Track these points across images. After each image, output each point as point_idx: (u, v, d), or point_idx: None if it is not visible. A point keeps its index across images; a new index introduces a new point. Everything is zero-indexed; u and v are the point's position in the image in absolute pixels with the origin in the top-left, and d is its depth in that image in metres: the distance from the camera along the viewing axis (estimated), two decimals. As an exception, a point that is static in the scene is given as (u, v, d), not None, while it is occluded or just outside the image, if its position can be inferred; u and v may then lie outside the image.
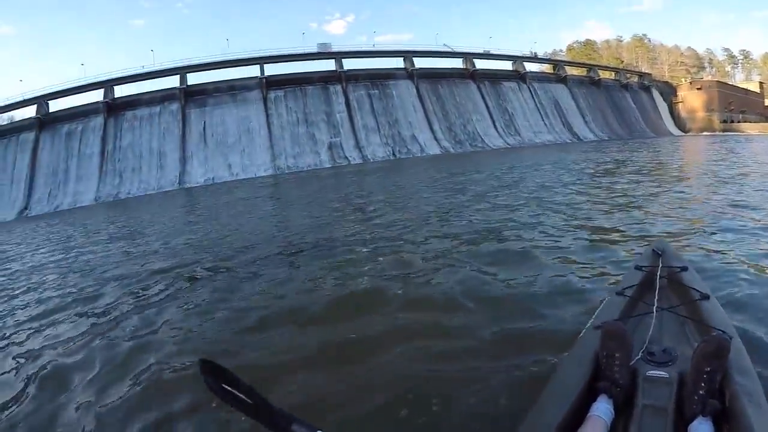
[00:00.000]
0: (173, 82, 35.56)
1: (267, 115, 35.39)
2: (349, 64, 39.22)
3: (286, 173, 33.46)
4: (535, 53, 58.43)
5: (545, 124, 51.06)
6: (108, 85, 35.61)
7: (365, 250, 4.85)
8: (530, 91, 52.43)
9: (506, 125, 48.32)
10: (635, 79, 62.91)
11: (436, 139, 41.52)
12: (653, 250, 2.27)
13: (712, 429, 1.08)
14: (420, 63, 43.12)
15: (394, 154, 38.37)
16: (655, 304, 1.65)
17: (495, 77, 49.99)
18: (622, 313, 1.67)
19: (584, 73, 60.80)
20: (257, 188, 21.17)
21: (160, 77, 35.78)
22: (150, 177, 33.32)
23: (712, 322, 1.50)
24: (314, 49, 39.05)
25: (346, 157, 36.01)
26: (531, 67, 55.23)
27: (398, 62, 42.07)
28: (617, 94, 59.09)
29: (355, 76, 39.00)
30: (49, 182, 34.54)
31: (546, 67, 58.65)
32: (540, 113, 51.40)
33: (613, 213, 5.73)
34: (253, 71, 36.46)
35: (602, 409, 1.20)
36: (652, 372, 1.27)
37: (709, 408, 1.10)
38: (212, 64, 36.27)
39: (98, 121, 35.00)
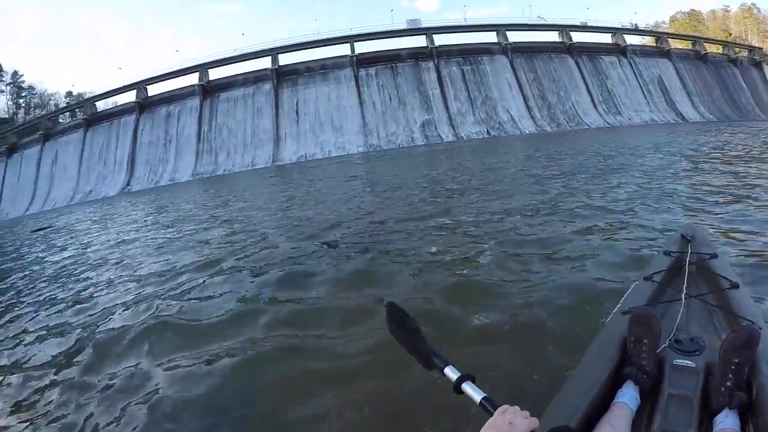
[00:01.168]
0: (265, 63, 35.19)
1: (359, 93, 34.01)
2: (439, 40, 36.69)
3: (378, 151, 31.88)
4: (636, 25, 52.44)
5: (647, 102, 45.62)
6: (203, 68, 36.08)
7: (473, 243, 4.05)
8: (631, 66, 47.12)
9: (606, 103, 43.67)
10: (744, 53, 54.67)
11: (531, 116, 38.05)
12: (682, 235, 2.17)
13: (738, 422, 1.05)
14: (513, 37, 39.70)
15: (488, 132, 35.52)
16: (684, 291, 1.60)
17: (593, 51, 45.30)
18: (650, 299, 1.64)
19: (689, 47, 53.74)
20: (348, 166, 20.27)
21: (253, 59, 35.73)
22: (244, 155, 33.27)
23: (742, 312, 1.45)
24: (404, 26, 36.97)
25: (438, 135, 33.74)
26: (631, 40, 49.65)
27: (491, 37, 38.96)
28: (725, 71, 51.75)
29: (447, 52, 36.54)
30: (149, 161, 35.71)
31: (647, 41, 52.64)
32: (642, 90, 46.04)
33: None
34: (343, 50, 35.21)
35: (628, 395, 1.18)
36: (679, 360, 1.25)
37: (736, 400, 1.07)
38: (303, 44, 35.54)
39: (194, 102, 35.55)
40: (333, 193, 9.43)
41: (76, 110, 42.17)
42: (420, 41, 36.59)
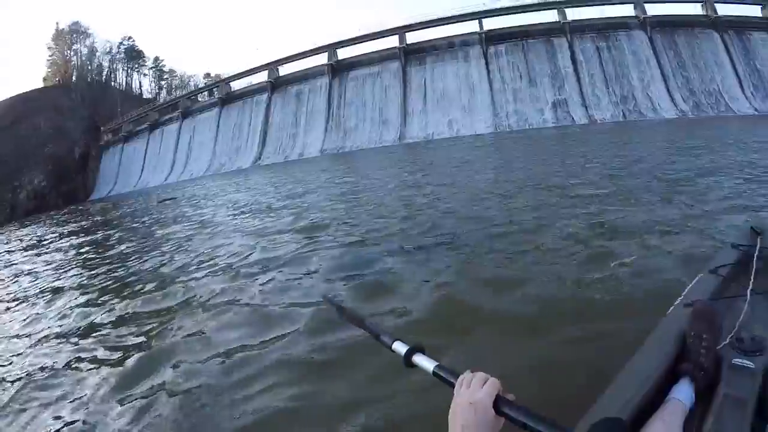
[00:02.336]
0: (393, 42, 35.80)
1: (488, 71, 33.47)
2: (572, 14, 34.74)
3: (507, 131, 31.21)
4: (792, -5, 45.43)
5: (805, 87, 39.60)
6: (332, 48, 37.60)
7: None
8: (788, 43, 41.11)
9: (756, 87, 38.70)
10: None
11: (672, 100, 34.90)
12: (752, 228, 2.06)
13: None
14: (652, 10, 36.36)
15: (624, 116, 33.21)
16: (750, 287, 1.53)
17: (742, 26, 40.16)
18: (713, 293, 1.58)
19: None
20: (476, 147, 19.33)
21: (380, 38, 36.45)
22: (372, 132, 34.29)
23: None
24: (534, 0, 35.49)
25: (571, 117, 32.20)
26: (786, 13, 43.17)
27: (628, 9, 36.07)
28: None
29: (581, 28, 34.50)
30: (280, 136, 38.23)
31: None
32: (798, 72, 39.97)
33: None
34: (472, 26, 34.74)
35: (683, 392, 1.14)
36: (738, 360, 1.20)
37: None
38: (431, 22, 35.59)
39: (324, 81, 37.25)
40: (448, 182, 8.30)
41: (213, 90, 46.35)
42: (551, 16, 34.95)
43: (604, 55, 34.28)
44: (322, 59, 37.94)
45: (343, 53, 37.49)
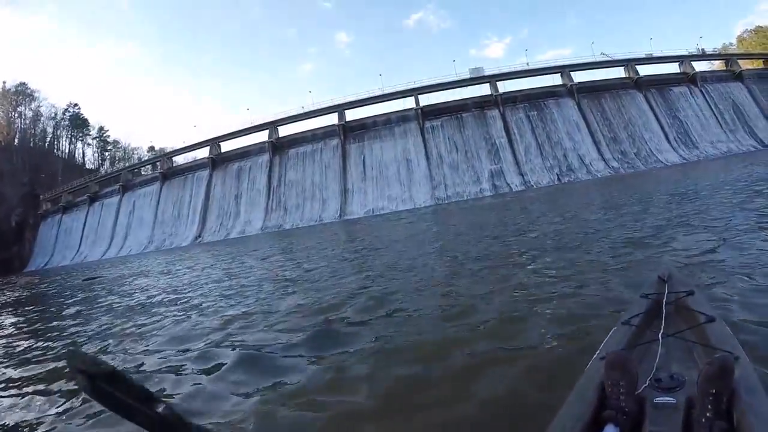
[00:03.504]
0: (332, 119, 36.04)
1: (425, 146, 34.03)
2: (504, 87, 36.22)
3: (446, 203, 31.50)
4: (703, 50, 49.52)
5: (724, 131, 42.85)
6: (273, 125, 37.49)
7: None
8: (703, 94, 44.63)
9: (680, 137, 41.44)
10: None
11: (603, 159, 36.54)
12: (659, 276, 2.24)
13: None
14: (579, 77, 38.58)
15: (558, 179, 34.39)
16: (662, 331, 1.64)
17: (662, 83, 43.31)
18: (628, 343, 1.65)
19: (761, 65, 50.31)
20: (416, 220, 19.53)
21: (320, 115, 36.75)
22: (312, 209, 33.93)
23: (718, 344, 1.49)
24: (467, 75, 36.81)
25: (508, 185, 32.97)
26: (700, 66, 46.96)
27: (556, 79, 38.02)
28: (807, 89, 47.59)
29: (512, 99, 35.95)
30: (221, 213, 37.28)
31: (717, 65, 49.61)
32: (717, 119, 43.41)
33: None
34: (408, 103, 35.60)
35: None
36: (659, 398, 1.27)
37: (717, 429, 1.08)
38: (368, 99, 36.19)
39: (264, 158, 36.88)
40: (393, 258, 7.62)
41: (157, 164, 45.03)
42: (484, 89, 36.31)
43: (536, 122, 35.66)
44: (263, 136, 37.70)
45: (283, 131, 37.41)
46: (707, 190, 10.11)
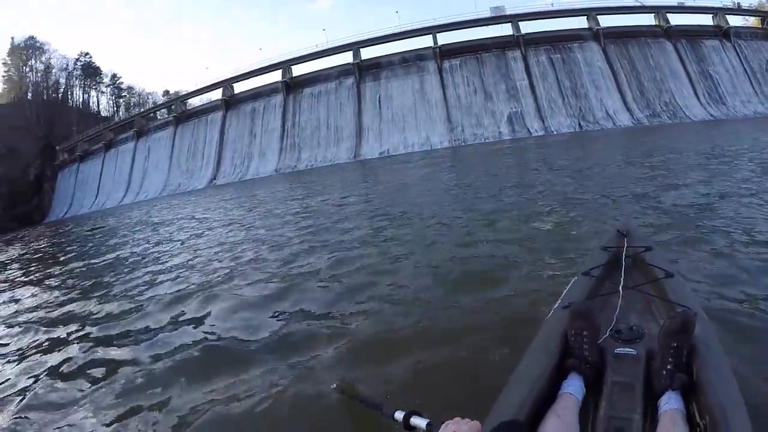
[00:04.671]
0: (347, 58, 35.15)
1: (443, 86, 33.03)
2: (526, 28, 34.79)
3: (463, 146, 30.74)
4: (739, 4, 46.82)
5: (756, 92, 40.67)
6: (286, 65, 36.74)
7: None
8: (736, 50, 42.33)
9: (709, 93, 39.54)
10: None
11: (628, 109, 35.11)
12: (618, 230, 2.26)
13: (681, 401, 1.10)
14: (606, 21, 36.76)
15: (579, 126, 33.22)
16: (621, 283, 1.66)
17: (693, 34, 41.10)
18: (589, 293, 1.68)
19: (801, 26, 47.39)
20: (432, 162, 18.98)
21: (335, 54, 35.82)
22: (326, 150, 33.48)
23: (678, 300, 1.50)
24: (488, 14, 35.36)
25: (527, 129, 31.99)
26: (734, 21, 44.46)
27: (582, 22, 36.29)
28: None
29: (535, 40, 34.47)
30: (235, 156, 37.04)
31: (752, 21, 47.01)
32: (749, 78, 41.12)
33: None
34: (426, 41, 34.36)
35: (573, 386, 1.21)
36: (620, 349, 1.30)
37: (678, 381, 1.12)
38: (385, 37, 35.10)
39: (278, 99, 36.32)
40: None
41: (170, 107, 44.86)
42: (505, 29, 34.87)
43: (559, 66, 34.28)
44: (276, 76, 37.05)
45: (297, 70, 36.70)
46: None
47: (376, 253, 4.16)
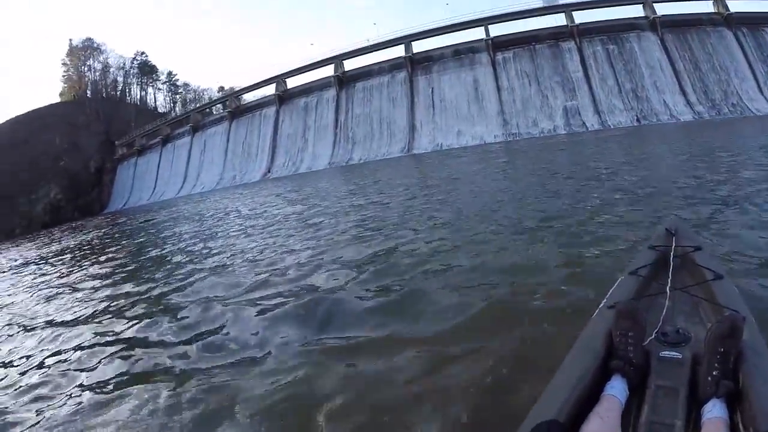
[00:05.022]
0: (399, 51, 35.78)
1: (496, 78, 33.11)
2: (580, 17, 34.30)
3: (518, 140, 30.83)
4: (805, -11, 44.13)
5: (826, 84, 38.36)
6: (338, 60, 37.65)
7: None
8: (801, 39, 39.96)
9: (774, 84, 37.58)
10: None
11: (687, 102, 34.10)
12: (666, 229, 2.18)
13: (726, 410, 1.06)
14: (662, 9, 35.69)
15: (637, 120, 32.60)
16: (669, 284, 1.62)
17: (755, 21, 39.13)
18: (635, 293, 1.65)
19: None
20: (486, 157, 18.86)
21: (387, 47, 36.42)
22: (380, 144, 34.22)
23: (726, 303, 1.45)
24: (540, 4, 35.09)
25: (583, 123, 31.67)
26: (800, 7, 41.99)
27: (637, 10, 35.45)
28: None
29: (589, 31, 33.97)
30: (289, 149, 38.41)
31: (821, 7, 44.19)
32: (818, 69, 38.78)
33: None
34: (477, 33, 34.50)
35: (617, 387, 1.19)
36: (665, 352, 1.27)
37: (723, 389, 1.08)
38: (436, 30, 35.41)
39: (331, 93, 37.33)
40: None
41: (224, 103, 46.88)
42: (559, 20, 34.52)
43: (615, 58, 33.69)
44: (328, 71, 38.09)
45: (349, 65, 37.63)
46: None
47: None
